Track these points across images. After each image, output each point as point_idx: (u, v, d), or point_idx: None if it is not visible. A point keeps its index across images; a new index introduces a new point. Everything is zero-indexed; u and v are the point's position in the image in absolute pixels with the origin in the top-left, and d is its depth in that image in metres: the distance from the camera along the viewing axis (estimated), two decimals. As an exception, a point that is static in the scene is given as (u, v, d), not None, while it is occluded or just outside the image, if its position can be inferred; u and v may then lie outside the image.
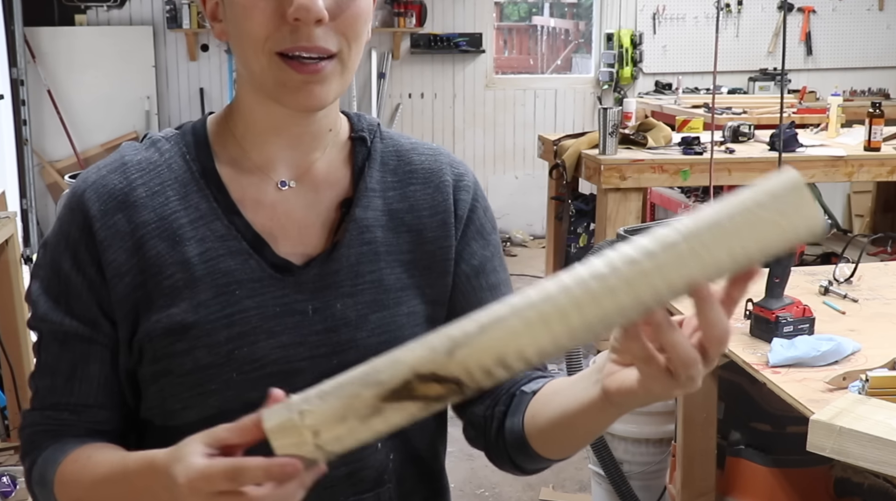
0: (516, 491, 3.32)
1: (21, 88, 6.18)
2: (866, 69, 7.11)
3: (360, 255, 0.98)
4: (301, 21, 0.88)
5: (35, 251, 6.00)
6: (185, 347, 0.93)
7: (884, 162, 4.17)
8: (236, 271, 0.95)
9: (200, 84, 6.69)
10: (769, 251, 0.67)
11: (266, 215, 0.98)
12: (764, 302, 1.90)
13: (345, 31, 0.91)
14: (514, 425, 0.98)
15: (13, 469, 2.89)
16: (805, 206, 0.66)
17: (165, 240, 0.95)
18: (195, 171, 0.98)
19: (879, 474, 2.02)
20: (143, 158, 0.99)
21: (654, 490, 2.79)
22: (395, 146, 1.06)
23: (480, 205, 1.07)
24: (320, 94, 0.92)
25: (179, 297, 0.94)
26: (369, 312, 0.97)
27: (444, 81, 6.94)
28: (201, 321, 0.93)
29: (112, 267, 0.94)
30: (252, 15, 0.89)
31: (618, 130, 4.03)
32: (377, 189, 1.02)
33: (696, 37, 6.95)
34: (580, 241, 4.58)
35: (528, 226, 6.86)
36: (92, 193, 0.96)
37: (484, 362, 0.68)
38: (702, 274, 0.66)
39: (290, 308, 0.95)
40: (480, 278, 1.05)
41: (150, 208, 0.96)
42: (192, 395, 0.94)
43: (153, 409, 0.98)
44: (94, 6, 6.52)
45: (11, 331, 2.86)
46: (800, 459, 2.10)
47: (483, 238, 1.06)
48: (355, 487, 0.98)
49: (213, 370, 0.93)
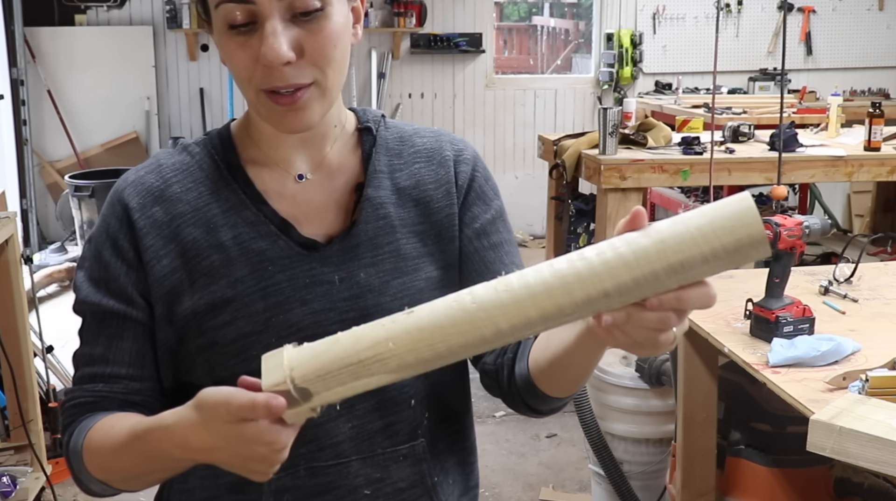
0: (516, 491, 3.33)
1: (21, 88, 6.18)
2: (866, 69, 7.11)
3: (378, 229, 1.08)
4: (270, 66, 0.97)
5: (34, 251, 6.00)
6: (227, 318, 1.03)
7: (884, 162, 4.17)
8: (268, 251, 1.05)
9: (200, 84, 6.69)
10: (707, 270, 0.77)
11: (288, 203, 1.08)
12: (764, 302, 1.90)
13: (316, 62, 0.99)
14: (522, 369, 1.08)
15: (13, 469, 2.89)
16: (752, 231, 0.75)
17: (201, 227, 1.05)
18: (223, 169, 1.09)
19: (879, 474, 2.03)
20: (177, 160, 1.10)
21: (654, 490, 2.79)
22: (399, 132, 1.16)
23: (480, 174, 1.16)
24: (303, 119, 1.02)
25: (217, 275, 1.04)
26: (390, 278, 1.07)
27: (444, 81, 6.94)
28: (239, 294, 1.03)
29: (150, 251, 1.05)
30: (235, 60, 1.00)
31: (618, 130, 4.03)
32: (385, 171, 1.12)
33: (696, 37, 6.95)
34: (580, 241, 4.58)
35: (528, 226, 6.86)
36: (131, 189, 1.08)
37: None
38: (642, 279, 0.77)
39: (319, 279, 1.05)
40: (483, 239, 1.13)
41: (185, 201, 1.07)
42: (236, 362, 1.03)
43: (203, 382, 1.03)
44: (94, 6, 6.53)
45: (11, 331, 2.86)
46: (800, 459, 2.10)
47: (484, 203, 1.15)
48: (391, 439, 1.07)
49: (253, 337, 1.03)
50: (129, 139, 6.58)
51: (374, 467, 1.06)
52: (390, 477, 1.08)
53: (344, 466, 1.05)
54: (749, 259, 0.77)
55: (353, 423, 1.05)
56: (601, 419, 2.82)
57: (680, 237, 0.77)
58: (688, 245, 0.76)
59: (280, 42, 0.95)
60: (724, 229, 0.76)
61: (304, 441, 1.02)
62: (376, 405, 1.06)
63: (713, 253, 0.76)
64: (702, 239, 0.76)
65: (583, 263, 0.78)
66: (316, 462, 1.04)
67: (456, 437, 1.15)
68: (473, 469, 1.18)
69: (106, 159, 6.43)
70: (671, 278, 0.77)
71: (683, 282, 0.78)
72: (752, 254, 0.76)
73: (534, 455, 3.59)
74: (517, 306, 0.79)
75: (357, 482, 1.05)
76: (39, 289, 5.30)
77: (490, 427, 3.60)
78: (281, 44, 0.95)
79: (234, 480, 1.01)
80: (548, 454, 3.60)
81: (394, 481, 1.07)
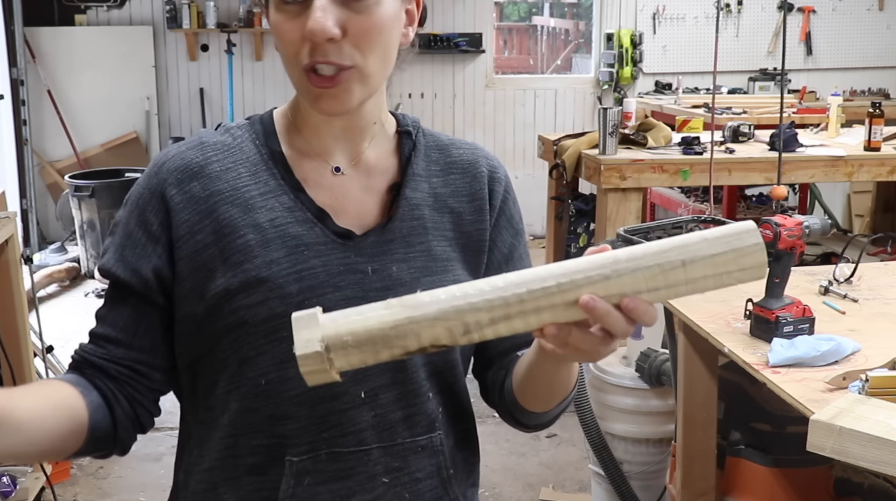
0: (516, 491, 3.33)
1: (21, 88, 6.19)
2: (866, 69, 7.11)
3: (411, 228, 1.11)
4: (314, 40, 0.99)
5: (34, 251, 6.01)
6: (260, 298, 1.04)
7: (884, 162, 4.17)
8: (304, 236, 1.07)
9: (200, 84, 6.69)
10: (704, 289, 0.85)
11: (325, 194, 1.11)
12: (764, 302, 1.90)
13: (358, 44, 1.01)
14: (508, 385, 1.15)
15: (13, 469, 2.89)
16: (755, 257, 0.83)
17: (238, 206, 1.07)
18: (264, 154, 1.11)
19: (879, 474, 2.03)
20: (219, 140, 1.12)
21: (654, 490, 2.79)
22: (436, 141, 1.20)
23: (511, 197, 1.22)
24: (339, 102, 1.03)
25: (252, 254, 1.05)
26: (421, 275, 1.10)
27: (444, 81, 6.94)
28: (274, 275, 1.05)
29: (184, 226, 1.06)
30: (283, 35, 1.02)
31: (618, 130, 4.03)
32: (423, 175, 1.15)
33: (696, 37, 6.95)
34: (580, 241, 4.58)
35: (529, 226, 6.86)
36: (171, 163, 1.09)
37: (485, 337, 0.87)
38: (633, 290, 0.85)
39: (353, 268, 1.07)
40: (510, 265, 1.18)
41: (224, 179, 1.08)
42: (266, 341, 1.05)
43: (227, 361, 1.08)
44: (94, 6, 6.53)
45: (11, 331, 2.86)
46: (800, 459, 2.10)
47: (512, 227, 1.21)
48: (412, 430, 1.10)
49: (286, 319, 1.01)
50: (129, 139, 6.58)
51: (393, 456, 1.09)
52: (409, 467, 1.10)
53: (365, 453, 1.07)
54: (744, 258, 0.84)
55: (376, 411, 1.07)
56: (601, 419, 2.82)
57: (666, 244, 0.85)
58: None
59: (326, 17, 0.98)
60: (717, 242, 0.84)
61: (328, 426, 1.05)
62: (398, 396, 1.08)
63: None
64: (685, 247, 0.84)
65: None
66: (338, 447, 1.06)
67: (463, 435, 1.17)
68: (475, 468, 1.21)
69: (106, 159, 6.43)
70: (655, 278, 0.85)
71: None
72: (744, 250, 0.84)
73: (534, 455, 3.59)
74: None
75: (376, 469, 1.07)
76: (39, 289, 5.30)
77: (490, 427, 3.59)
78: (327, 18, 0.98)
79: (254, 462, 1.06)
80: (548, 454, 3.60)
81: (412, 471, 1.10)
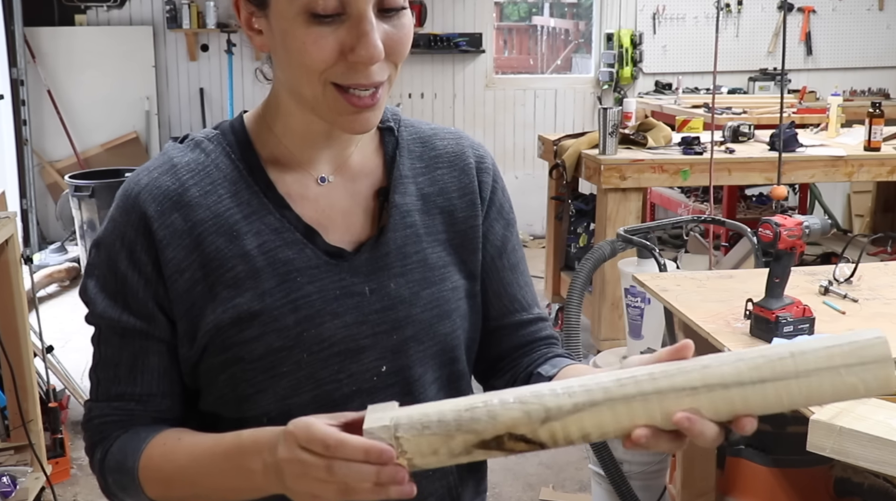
0: (516, 491, 3.32)
1: (21, 88, 6.19)
2: (866, 69, 7.11)
3: (405, 237, 1.06)
4: (364, 63, 0.93)
5: (34, 251, 6.00)
6: (255, 333, 0.98)
7: (884, 162, 4.17)
8: (295, 260, 1.00)
9: (200, 84, 6.69)
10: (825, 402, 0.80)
11: (311, 208, 1.04)
12: (764, 302, 1.90)
13: (395, 59, 0.97)
14: None
15: (13, 469, 2.89)
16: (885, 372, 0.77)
17: (223, 235, 0.99)
18: (242, 169, 1.02)
19: (879, 474, 2.03)
20: (191, 159, 1.03)
21: (654, 490, 2.79)
22: (418, 133, 1.13)
23: (500, 186, 1.17)
24: (373, 119, 0.98)
25: (243, 287, 0.99)
26: (420, 289, 1.05)
27: (444, 81, 6.94)
28: (268, 307, 0.98)
29: (171, 264, 0.98)
30: (311, 51, 0.92)
31: (618, 130, 4.03)
32: (409, 176, 1.09)
33: (696, 37, 6.95)
34: (580, 241, 4.58)
35: (528, 226, 6.86)
36: (147, 194, 1.00)
37: (570, 434, 0.79)
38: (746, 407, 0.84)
39: (349, 290, 1.02)
40: (503, 258, 1.14)
41: (204, 206, 1.00)
42: (264, 378, 0.99)
43: (224, 397, 1.02)
44: (94, 6, 6.53)
45: (11, 331, 2.86)
46: (800, 459, 2.10)
47: (503, 218, 1.16)
48: None
49: (284, 353, 0.99)
50: (129, 139, 6.58)
51: None
52: (421, 493, 1.07)
53: None
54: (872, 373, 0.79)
55: None
56: (601, 419, 2.82)
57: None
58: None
59: (378, 39, 0.92)
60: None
61: None
62: None
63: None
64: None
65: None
66: None
67: (476, 464, 1.15)
68: (484, 476, 1.20)
69: (106, 159, 6.43)
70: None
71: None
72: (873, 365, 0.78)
73: (534, 454, 3.59)
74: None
75: None
76: (39, 289, 5.30)
77: (490, 427, 3.59)
78: (378, 41, 0.92)
79: None
80: (548, 454, 3.60)
81: (424, 496, 1.06)
